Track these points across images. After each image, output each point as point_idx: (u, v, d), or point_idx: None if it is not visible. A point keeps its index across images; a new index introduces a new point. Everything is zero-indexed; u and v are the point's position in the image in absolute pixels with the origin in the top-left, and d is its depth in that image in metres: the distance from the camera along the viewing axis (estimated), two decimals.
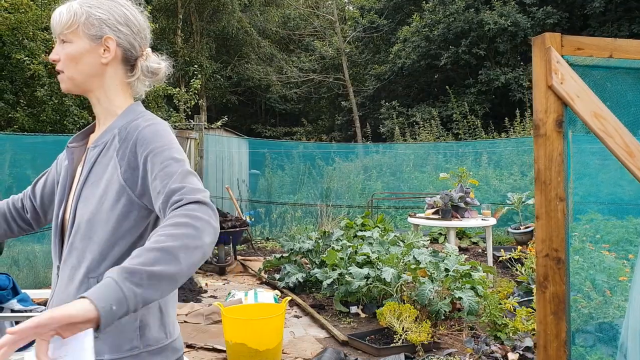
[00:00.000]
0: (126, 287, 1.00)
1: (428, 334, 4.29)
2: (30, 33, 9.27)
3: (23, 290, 3.13)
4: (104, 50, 1.38)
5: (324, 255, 5.73)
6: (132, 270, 1.02)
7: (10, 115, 8.94)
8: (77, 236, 1.32)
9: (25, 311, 2.88)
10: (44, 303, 3.24)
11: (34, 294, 3.20)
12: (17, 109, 9.04)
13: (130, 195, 1.29)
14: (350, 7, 28.32)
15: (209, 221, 1.15)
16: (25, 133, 8.41)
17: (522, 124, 13.83)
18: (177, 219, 1.12)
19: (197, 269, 1.14)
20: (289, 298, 4.48)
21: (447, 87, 17.74)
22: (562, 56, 1.65)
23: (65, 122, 9.14)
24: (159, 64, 1.47)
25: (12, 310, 2.88)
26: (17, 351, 1.10)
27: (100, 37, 1.37)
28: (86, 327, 0.98)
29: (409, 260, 5.13)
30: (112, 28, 1.38)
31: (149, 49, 1.47)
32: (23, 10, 9.23)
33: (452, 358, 4.08)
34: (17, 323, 2.93)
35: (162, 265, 1.05)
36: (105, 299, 0.98)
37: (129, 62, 1.43)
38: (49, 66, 8.98)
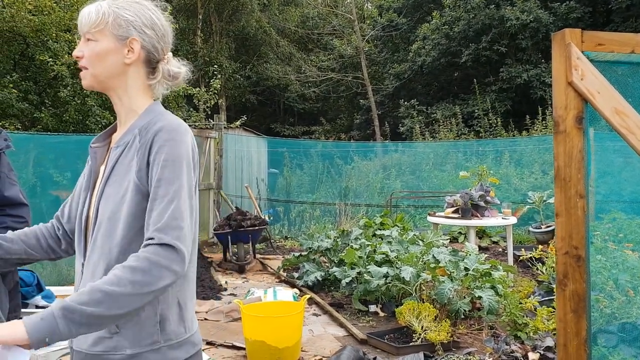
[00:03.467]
0: (62, 323, 1.10)
1: (447, 333, 4.27)
2: (54, 34, 9.41)
3: (47, 287, 3.19)
4: (128, 51, 1.42)
5: (343, 254, 5.73)
6: (72, 309, 1.11)
7: (34, 115, 9.10)
8: (98, 233, 1.36)
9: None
10: None
11: (58, 290, 3.27)
12: (41, 109, 9.19)
13: (146, 194, 1.33)
14: (369, 6, 28.22)
15: (169, 266, 1.20)
16: (49, 133, 8.54)
17: (543, 122, 13.62)
18: (138, 262, 1.19)
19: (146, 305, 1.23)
20: (308, 296, 4.50)
21: (471, 83, 17.56)
22: (582, 52, 1.64)
23: (87, 122, 9.25)
24: (180, 69, 1.51)
25: (37, 307, 2.94)
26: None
27: (126, 38, 1.41)
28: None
29: (429, 259, 5.10)
30: (139, 30, 1.42)
31: (170, 53, 1.52)
32: (47, 12, 9.38)
33: (471, 357, 4.06)
34: None
35: (103, 308, 1.13)
36: (40, 331, 1.09)
37: (151, 64, 1.47)
38: (72, 67, 9.11)
